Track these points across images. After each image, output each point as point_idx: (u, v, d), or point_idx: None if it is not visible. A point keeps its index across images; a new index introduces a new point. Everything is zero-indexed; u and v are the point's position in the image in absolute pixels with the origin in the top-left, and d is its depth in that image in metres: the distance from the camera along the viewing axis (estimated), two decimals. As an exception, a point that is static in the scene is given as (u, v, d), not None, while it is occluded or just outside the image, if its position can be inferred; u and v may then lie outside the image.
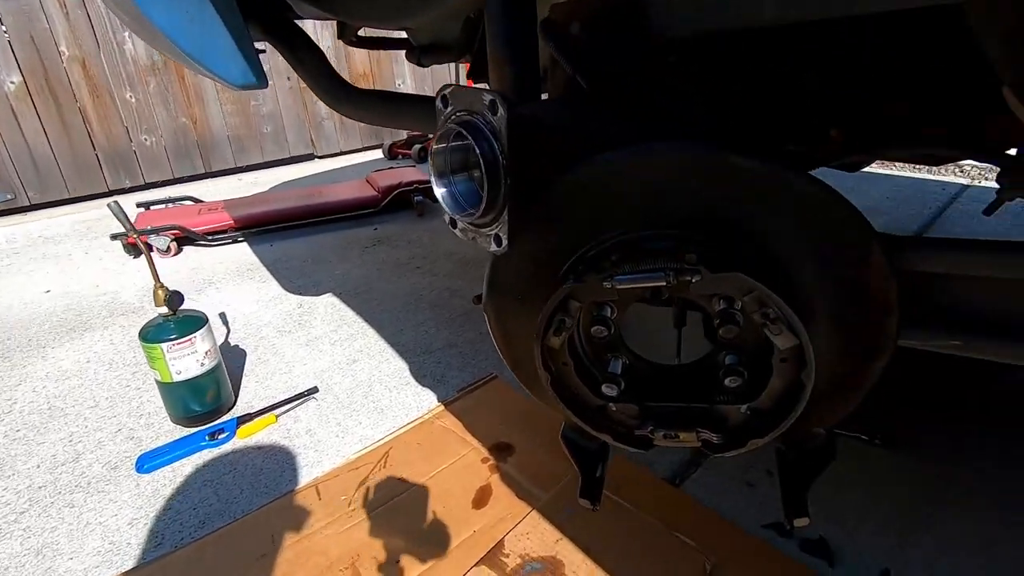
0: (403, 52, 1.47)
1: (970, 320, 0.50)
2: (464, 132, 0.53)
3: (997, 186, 0.71)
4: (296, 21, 1.25)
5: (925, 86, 0.67)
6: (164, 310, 1.26)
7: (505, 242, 0.56)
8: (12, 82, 3.30)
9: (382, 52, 4.94)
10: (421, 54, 1.31)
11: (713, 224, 0.53)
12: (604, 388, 0.62)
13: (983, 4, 0.52)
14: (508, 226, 0.55)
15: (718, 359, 0.60)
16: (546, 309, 0.58)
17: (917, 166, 3.18)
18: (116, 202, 1.24)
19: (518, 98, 0.65)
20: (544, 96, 0.82)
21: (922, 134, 0.75)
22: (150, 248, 1.27)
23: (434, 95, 0.60)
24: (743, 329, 0.54)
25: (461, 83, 4.00)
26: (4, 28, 3.22)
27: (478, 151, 0.52)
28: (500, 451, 1.19)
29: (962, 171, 3.08)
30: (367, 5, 1.04)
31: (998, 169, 0.70)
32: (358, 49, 4.40)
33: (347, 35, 1.38)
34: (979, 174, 3.03)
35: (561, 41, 0.64)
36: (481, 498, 1.07)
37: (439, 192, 0.58)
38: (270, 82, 4.46)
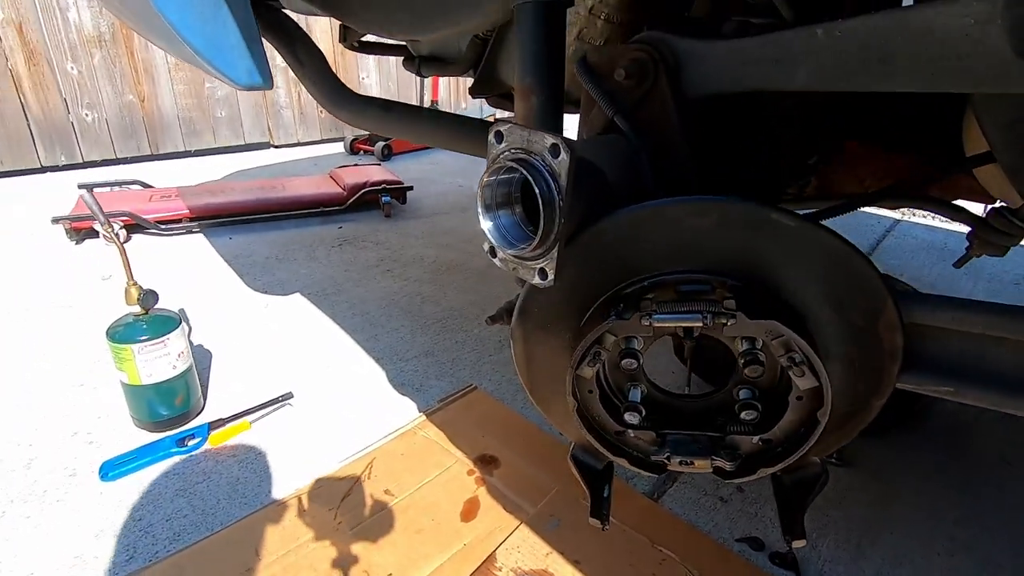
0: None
1: (963, 370, 0.57)
2: (521, 169, 0.55)
3: (923, 221, 0.80)
4: (290, 16, 1.22)
5: (915, 148, 0.75)
6: (136, 309, 1.20)
7: (551, 277, 0.58)
8: (-64, 41, 3.00)
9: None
10: (421, 64, 1.31)
11: (745, 271, 0.58)
12: (627, 416, 0.65)
13: (987, 98, 0.60)
14: (556, 262, 0.57)
15: (733, 393, 0.65)
16: (585, 341, 0.60)
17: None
18: (86, 186, 1.17)
19: (548, 130, 0.67)
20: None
21: (903, 190, 0.84)
22: (120, 239, 1.20)
23: (419, 102, 0.61)
24: (765, 368, 0.59)
25: (426, 85, 3.96)
26: (-71, -19, 2.93)
27: (536, 190, 0.54)
28: (485, 464, 1.21)
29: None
30: (382, 16, 1.03)
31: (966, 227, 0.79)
32: (322, 40, 4.29)
33: (349, 40, 1.35)
34: (907, 210, 3.31)
35: (601, 84, 0.67)
36: (469, 511, 1.09)
37: (486, 225, 0.60)
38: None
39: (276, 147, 4.52)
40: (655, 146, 0.65)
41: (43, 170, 3.47)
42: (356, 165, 3.35)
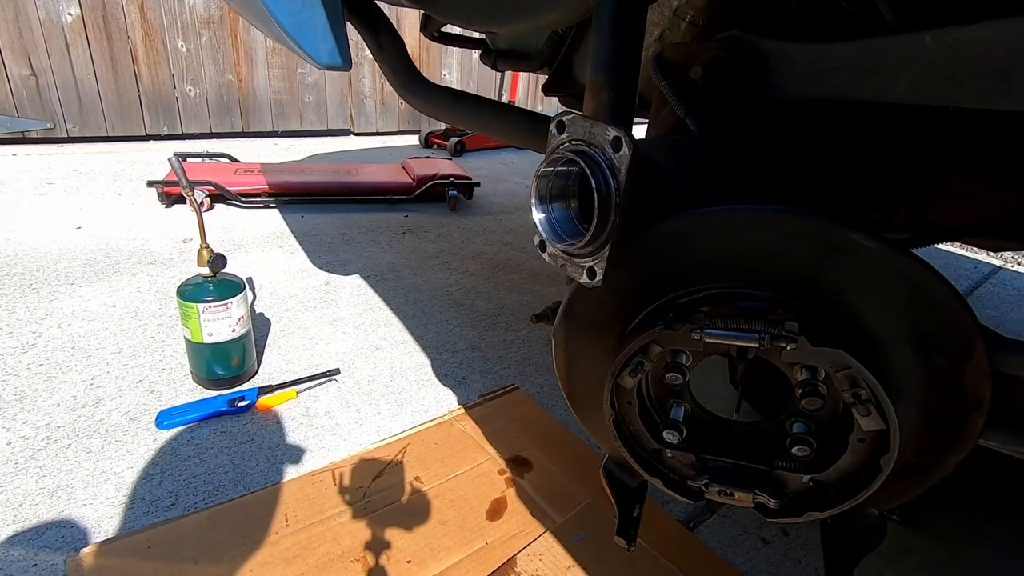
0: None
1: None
2: (580, 161, 0.52)
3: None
4: (377, 5, 1.25)
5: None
6: (205, 271, 1.27)
7: (600, 276, 0.55)
8: (70, 14, 3.31)
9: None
10: (498, 58, 1.31)
11: (813, 292, 0.53)
12: (665, 434, 0.61)
13: None
14: (606, 262, 0.54)
15: (786, 425, 0.60)
16: (629, 348, 0.57)
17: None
18: (177, 155, 1.24)
19: (613, 123, 0.64)
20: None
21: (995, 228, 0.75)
22: (201, 206, 1.27)
23: (497, 99, 0.60)
24: (825, 402, 0.53)
25: (505, 84, 4.00)
26: (71, -40, 3.24)
27: (593, 184, 0.51)
28: (517, 465, 1.19)
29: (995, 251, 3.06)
30: (461, 5, 1.04)
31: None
32: (410, 34, 4.41)
33: (430, 29, 1.38)
34: (1012, 257, 3.02)
35: (676, 83, 0.64)
36: (496, 510, 1.07)
37: (537, 217, 0.58)
38: (321, 53, 4.44)
39: (356, 134, 4.69)
40: (726, 150, 0.61)
41: (147, 138, 3.76)
42: (428, 158, 3.42)
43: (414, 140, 4.75)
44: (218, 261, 1.27)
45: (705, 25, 0.92)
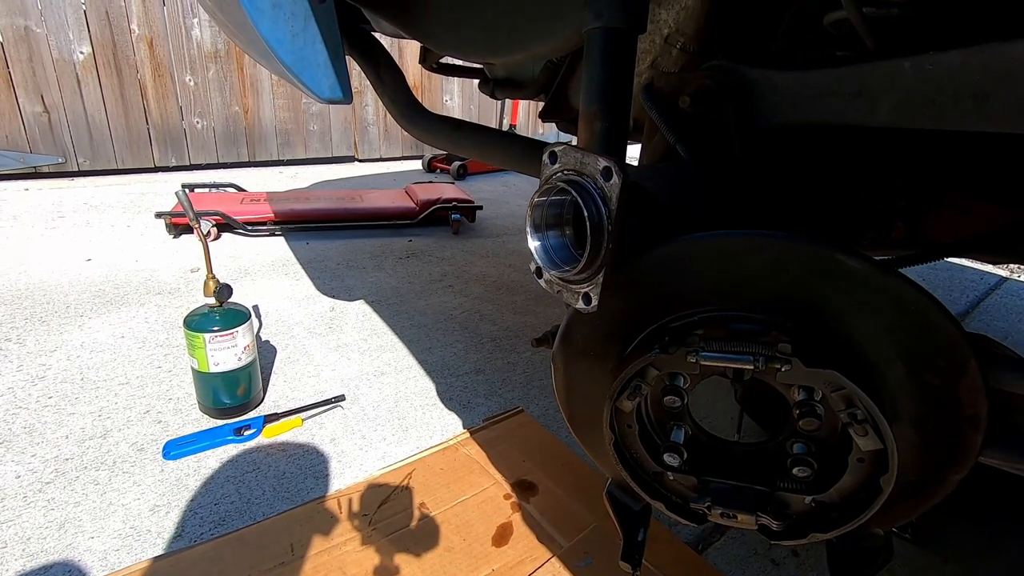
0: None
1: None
2: (571, 191, 0.54)
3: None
4: (376, 38, 1.29)
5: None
6: (211, 301, 1.29)
7: (595, 302, 0.56)
8: (82, 52, 3.42)
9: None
10: (495, 87, 1.34)
11: (807, 315, 0.54)
12: (666, 457, 0.61)
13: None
14: (601, 287, 0.55)
15: (786, 446, 0.60)
16: (625, 372, 0.58)
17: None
18: (184, 187, 1.27)
19: (604, 153, 0.65)
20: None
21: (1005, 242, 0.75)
22: (208, 236, 1.30)
23: (498, 124, 0.61)
24: (823, 422, 0.54)
25: (506, 109, 4.07)
26: (83, 2, 3.35)
27: (585, 213, 0.53)
28: (523, 489, 1.18)
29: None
30: (453, 34, 1.07)
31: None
32: (412, 62, 4.51)
33: (428, 61, 1.41)
34: (1018, 268, 3.00)
35: (665, 111, 0.66)
36: (502, 535, 1.07)
37: (533, 245, 0.59)
38: (324, 83, 4.53)
39: (360, 161, 4.77)
40: (716, 176, 0.62)
41: (156, 169, 3.83)
42: (431, 182, 3.47)
43: (417, 165, 4.81)
44: (224, 291, 1.29)
45: (696, 52, 0.94)
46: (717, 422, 1.41)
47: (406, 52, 4.52)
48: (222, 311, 1.30)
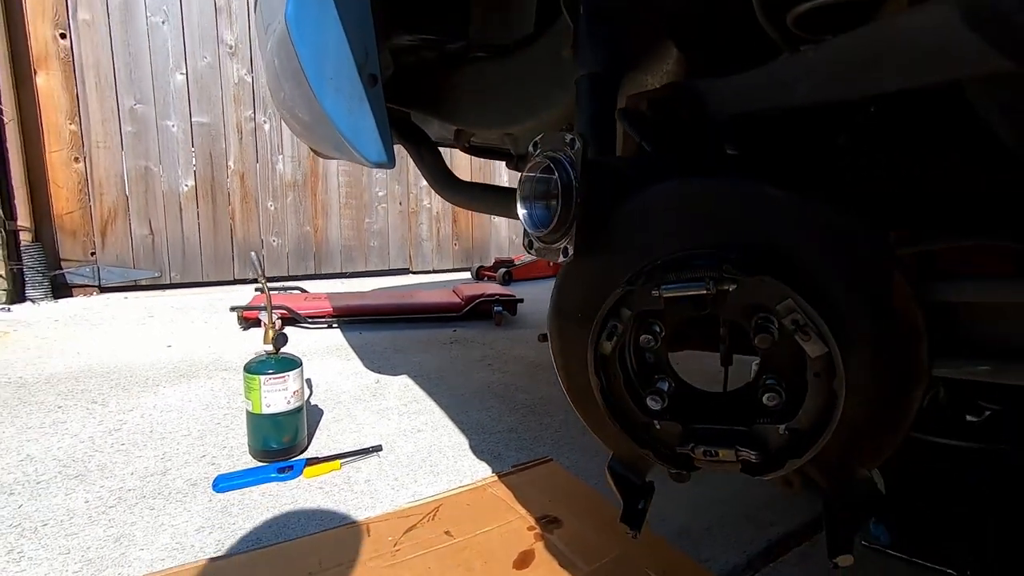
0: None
1: (998, 348, 0.53)
2: (548, 162, 0.68)
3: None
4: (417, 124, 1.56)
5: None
6: (269, 347, 1.45)
7: (571, 253, 0.67)
8: (186, 185, 4.05)
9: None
10: (519, 161, 1.55)
11: (750, 246, 0.62)
12: (648, 400, 0.67)
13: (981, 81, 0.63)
14: (574, 240, 0.67)
15: (759, 383, 0.65)
16: (600, 313, 0.67)
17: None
18: (257, 253, 1.50)
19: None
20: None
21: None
22: (272, 304, 1.49)
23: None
24: (778, 342, 0.60)
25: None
26: (194, 147, 4.05)
27: (556, 176, 0.66)
28: (547, 523, 1.18)
29: None
30: (478, 113, 1.30)
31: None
32: (465, 157, 5.00)
33: (461, 140, 1.67)
34: None
35: (632, 119, 0.81)
36: (523, 560, 1.06)
37: (521, 211, 0.72)
38: (384, 206, 5.05)
39: (414, 272, 5.14)
40: (678, 160, 0.75)
41: (234, 282, 4.29)
42: (478, 283, 3.70)
43: (466, 275, 5.13)
44: (280, 339, 1.46)
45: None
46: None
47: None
48: (277, 357, 1.45)
